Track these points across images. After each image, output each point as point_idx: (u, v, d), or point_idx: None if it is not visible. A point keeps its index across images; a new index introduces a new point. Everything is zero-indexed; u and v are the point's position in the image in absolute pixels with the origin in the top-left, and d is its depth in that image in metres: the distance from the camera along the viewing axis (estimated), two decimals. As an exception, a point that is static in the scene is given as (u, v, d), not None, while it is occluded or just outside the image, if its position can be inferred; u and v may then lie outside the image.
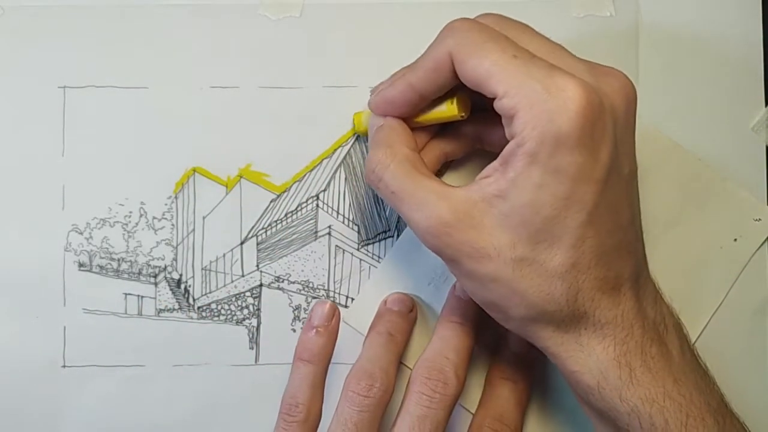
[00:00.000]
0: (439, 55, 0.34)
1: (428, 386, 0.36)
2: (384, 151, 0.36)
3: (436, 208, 0.33)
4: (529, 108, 0.31)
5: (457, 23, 0.34)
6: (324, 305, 0.39)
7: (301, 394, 0.37)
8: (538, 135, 0.31)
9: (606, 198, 0.32)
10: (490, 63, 0.32)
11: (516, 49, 0.33)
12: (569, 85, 0.31)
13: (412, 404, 0.36)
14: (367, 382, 0.36)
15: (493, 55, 0.32)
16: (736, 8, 0.42)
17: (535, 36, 0.35)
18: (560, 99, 0.31)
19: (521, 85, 0.32)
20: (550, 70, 0.32)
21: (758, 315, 0.42)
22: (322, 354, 0.38)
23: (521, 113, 0.32)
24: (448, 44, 0.34)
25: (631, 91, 0.34)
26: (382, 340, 0.39)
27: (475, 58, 0.33)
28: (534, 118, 0.31)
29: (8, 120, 0.41)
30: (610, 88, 0.33)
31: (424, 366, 0.37)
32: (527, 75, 0.32)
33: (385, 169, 0.35)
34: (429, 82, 0.35)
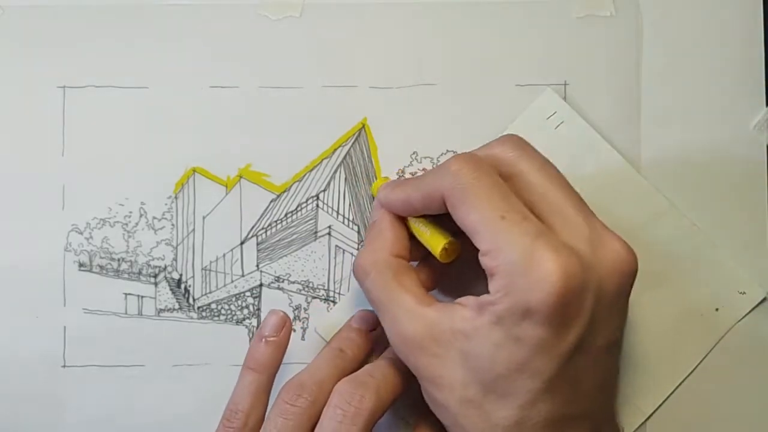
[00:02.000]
0: (434, 190, 0.34)
1: (344, 399, 0.35)
2: (366, 257, 0.36)
3: (405, 328, 0.34)
4: (505, 275, 0.31)
5: (454, 166, 0.34)
6: (275, 315, 0.38)
7: (242, 401, 0.37)
8: (507, 302, 0.31)
9: (566, 371, 0.32)
10: (476, 219, 0.32)
11: (508, 206, 0.32)
12: (549, 261, 0.31)
13: (326, 419, 0.35)
14: (296, 392, 0.36)
15: (481, 211, 0.32)
16: (736, 8, 0.42)
17: (547, 181, 0.34)
18: (536, 275, 0.31)
19: (501, 251, 0.31)
20: (534, 240, 0.31)
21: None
22: (268, 364, 0.38)
23: (498, 277, 0.32)
24: (442, 184, 0.34)
25: (628, 267, 0.33)
26: (329, 355, 0.38)
27: (464, 209, 0.33)
28: (507, 287, 0.31)
29: (8, 120, 0.41)
30: (604, 263, 0.32)
31: (346, 380, 0.36)
32: (510, 242, 0.31)
33: (366, 276, 0.36)
34: (423, 205, 0.35)
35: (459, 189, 0.33)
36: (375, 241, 0.37)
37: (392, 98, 0.42)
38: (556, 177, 0.34)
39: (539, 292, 0.31)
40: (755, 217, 0.42)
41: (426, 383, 0.34)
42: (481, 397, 0.33)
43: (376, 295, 0.36)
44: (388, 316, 0.35)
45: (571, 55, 0.42)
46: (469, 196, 0.33)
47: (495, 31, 0.42)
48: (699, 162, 0.42)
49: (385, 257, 0.36)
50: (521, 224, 0.32)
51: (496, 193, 0.33)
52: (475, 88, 0.42)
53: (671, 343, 0.41)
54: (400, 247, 0.37)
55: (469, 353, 0.33)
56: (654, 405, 0.41)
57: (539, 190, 0.34)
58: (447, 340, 0.33)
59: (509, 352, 0.32)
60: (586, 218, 0.33)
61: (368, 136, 0.42)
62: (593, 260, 0.32)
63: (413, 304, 0.34)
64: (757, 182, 0.42)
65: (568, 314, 0.31)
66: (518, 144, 0.35)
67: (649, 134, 0.42)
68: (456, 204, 0.33)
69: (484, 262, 0.32)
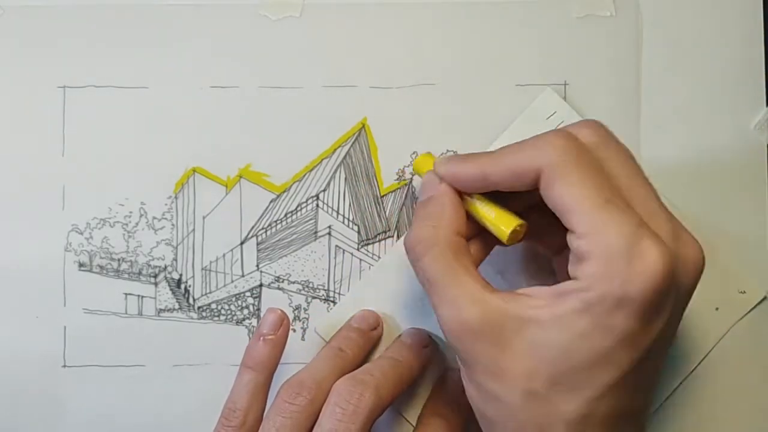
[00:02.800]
0: (528, 165, 0.32)
1: (343, 397, 0.35)
2: (427, 232, 0.34)
3: (466, 312, 0.32)
4: (604, 261, 0.30)
5: (557, 140, 0.32)
6: (273, 314, 0.38)
7: (240, 400, 0.37)
8: (603, 290, 0.30)
9: (642, 365, 0.31)
10: (579, 199, 0.31)
11: (611, 191, 0.31)
12: (653, 254, 0.30)
13: (325, 417, 0.35)
14: (295, 391, 0.36)
15: (586, 190, 0.31)
16: (736, 8, 0.42)
17: (633, 171, 0.33)
18: (640, 266, 0.30)
19: (605, 236, 0.30)
20: (638, 230, 0.30)
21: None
22: (266, 362, 0.38)
23: (594, 262, 0.30)
24: (539, 158, 0.32)
25: (701, 267, 0.32)
26: (329, 354, 0.38)
27: (565, 187, 0.31)
28: (606, 274, 0.30)
29: (8, 120, 0.41)
30: (685, 261, 0.32)
31: (344, 378, 0.36)
32: (614, 227, 0.30)
33: (426, 252, 0.34)
34: (504, 181, 0.33)
35: (563, 165, 0.31)
36: (435, 217, 0.34)
37: (392, 98, 0.42)
38: (638, 169, 0.33)
39: (642, 282, 0.30)
40: (755, 217, 0.42)
41: (482, 374, 0.32)
42: (547, 390, 0.31)
43: (434, 275, 0.33)
44: (446, 298, 0.33)
45: (571, 55, 0.42)
46: (574, 174, 0.31)
47: (495, 31, 0.42)
48: (699, 162, 0.42)
49: (447, 235, 0.34)
50: (626, 211, 0.30)
51: (600, 176, 0.31)
52: (475, 88, 0.42)
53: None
54: (462, 225, 0.35)
55: (541, 342, 0.31)
56: (654, 404, 0.41)
57: (625, 180, 0.32)
58: (513, 329, 0.31)
59: (593, 341, 0.30)
60: (667, 213, 0.32)
61: (368, 136, 0.42)
62: (678, 257, 0.31)
63: (477, 288, 0.32)
64: (757, 182, 0.42)
65: (659, 307, 0.30)
66: (603, 130, 0.33)
67: (649, 134, 0.42)
68: (556, 180, 0.31)
69: (576, 245, 0.31)
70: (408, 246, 0.35)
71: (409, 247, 0.35)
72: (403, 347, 0.39)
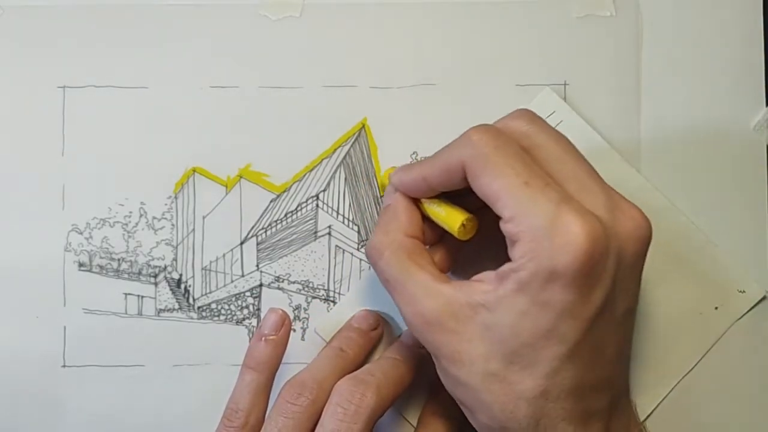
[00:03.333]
0: (453, 162, 0.34)
1: (345, 397, 0.35)
2: (380, 238, 0.36)
3: (421, 306, 0.34)
4: (530, 240, 0.31)
5: (475, 135, 0.34)
6: (275, 314, 0.38)
7: (242, 400, 0.37)
8: (533, 267, 0.31)
9: (591, 336, 0.32)
10: (499, 186, 0.32)
11: (530, 173, 0.32)
12: (574, 225, 0.31)
13: (327, 417, 0.35)
14: (296, 391, 0.36)
15: (504, 178, 0.32)
16: (736, 8, 0.42)
17: (564, 153, 0.34)
18: (562, 238, 0.31)
19: (526, 216, 0.31)
20: (558, 205, 0.31)
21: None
22: (268, 363, 0.38)
23: (522, 243, 0.32)
24: (462, 154, 0.34)
25: (645, 233, 0.33)
26: (330, 354, 0.39)
27: (486, 177, 0.33)
28: (532, 251, 0.31)
29: (8, 120, 0.41)
30: (622, 228, 0.33)
31: (346, 379, 0.36)
32: (535, 206, 0.31)
33: (380, 256, 0.36)
34: (440, 180, 0.35)
35: (481, 157, 0.33)
36: (389, 223, 0.37)
37: (392, 98, 0.42)
38: (571, 149, 0.34)
39: (565, 255, 0.31)
40: (755, 216, 0.42)
41: (445, 361, 0.34)
42: (504, 370, 0.32)
43: (391, 275, 0.35)
44: (404, 295, 0.35)
45: (571, 55, 0.42)
46: (491, 164, 0.33)
47: (495, 31, 0.42)
48: (699, 162, 0.42)
49: (399, 237, 0.36)
50: (544, 190, 0.32)
51: (518, 161, 0.32)
52: (475, 88, 0.42)
53: (670, 342, 0.41)
54: (415, 228, 0.37)
55: (491, 325, 0.32)
56: (653, 403, 0.41)
57: (556, 161, 0.34)
58: (466, 315, 0.33)
59: (534, 318, 0.32)
60: (603, 186, 0.34)
61: (368, 136, 0.42)
62: (612, 226, 0.32)
63: (430, 281, 0.34)
64: (757, 182, 0.42)
65: (593, 277, 0.31)
66: (532, 117, 0.35)
67: (649, 134, 0.42)
68: (478, 172, 0.33)
69: (506, 229, 0.32)
70: (366, 252, 0.37)
71: (367, 254, 0.37)
72: (404, 347, 0.39)
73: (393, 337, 0.41)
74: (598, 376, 0.33)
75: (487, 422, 0.34)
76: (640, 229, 0.33)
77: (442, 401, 0.40)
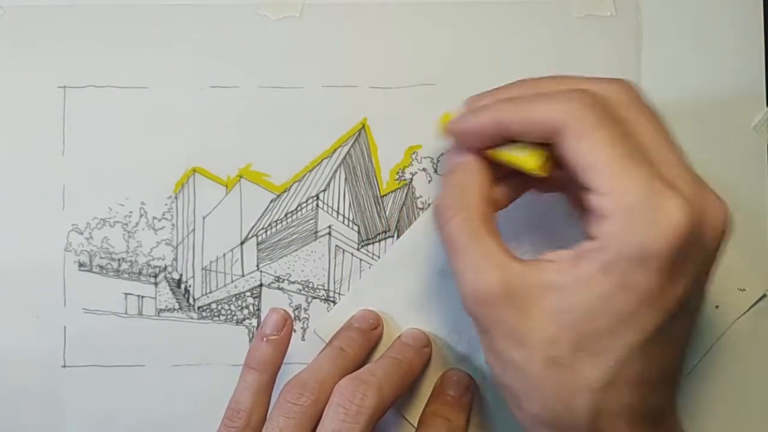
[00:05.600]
0: (549, 116, 0.31)
1: (346, 397, 0.35)
2: (454, 199, 0.34)
3: (488, 276, 0.31)
4: (625, 219, 0.29)
5: (578, 95, 0.31)
6: (276, 314, 0.38)
7: (243, 400, 0.37)
8: (624, 248, 0.29)
9: (666, 327, 0.30)
10: (600, 156, 0.30)
11: (631, 148, 0.30)
12: (674, 208, 0.29)
13: (328, 418, 0.35)
14: (298, 391, 0.36)
15: (606, 148, 0.30)
16: (736, 8, 0.42)
17: (658, 132, 0.32)
18: (660, 221, 0.29)
19: (625, 193, 0.29)
20: (659, 185, 0.29)
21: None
22: (269, 363, 0.38)
23: (614, 221, 0.29)
24: (561, 111, 0.31)
25: (728, 228, 0.31)
26: (331, 354, 0.38)
27: (585, 143, 0.30)
28: (625, 232, 0.29)
29: (8, 120, 0.41)
30: (710, 219, 0.31)
31: (347, 379, 0.36)
32: (635, 184, 0.29)
33: (451, 217, 0.33)
34: (522, 129, 0.32)
35: (583, 120, 0.30)
36: (462, 183, 0.34)
37: (392, 98, 0.42)
38: (665, 130, 0.32)
39: (661, 237, 0.29)
40: (755, 216, 0.42)
41: (501, 341, 0.31)
42: (570, 356, 0.30)
43: (459, 240, 0.33)
44: (469, 262, 0.32)
45: (571, 55, 0.42)
46: (593, 130, 0.30)
47: (495, 31, 0.42)
48: (699, 162, 0.42)
49: (475, 201, 0.34)
50: (645, 167, 0.30)
51: (620, 133, 0.30)
52: (475, 88, 0.41)
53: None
54: (488, 190, 0.34)
55: (563, 307, 0.30)
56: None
57: (650, 139, 0.31)
58: (535, 294, 0.31)
59: (615, 302, 0.29)
60: (693, 174, 0.32)
61: (368, 136, 0.42)
62: (703, 213, 0.30)
63: (500, 253, 0.32)
64: (757, 182, 0.42)
65: (682, 265, 0.30)
66: (631, 89, 0.33)
67: (649, 134, 0.42)
68: (577, 136, 0.30)
69: (596, 203, 0.30)
70: (437, 210, 0.34)
71: (438, 212, 0.34)
72: (404, 347, 0.39)
73: (393, 337, 0.41)
74: (664, 371, 0.31)
75: (539, 412, 0.31)
76: (726, 223, 0.31)
77: (444, 402, 0.40)
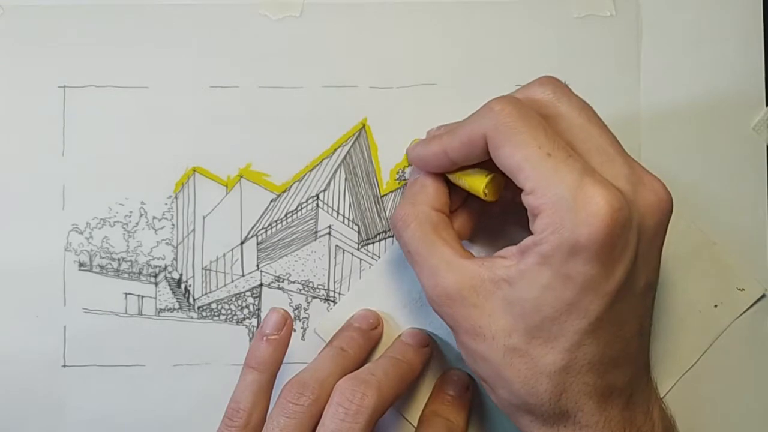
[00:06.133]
0: (475, 133, 0.34)
1: (346, 396, 0.35)
2: (406, 210, 0.36)
3: (443, 279, 0.34)
4: (552, 212, 0.31)
5: (497, 106, 0.33)
6: (276, 313, 0.38)
7: (243, 400, 0.37)
8: (555, 240, 0.31)
9: (612, 311, 0.32)
10: (521, 157, 0.32)
11: (553, 144, 0.32)
12: (598, 197, 0.30)
13: (328, 417, 0.35)
14: (298, 391, 0.36)
15: (527, 149, 0.32)
16: (736, 8, 0.42)
17: (587, 122, 0.34)
18: (585, 211, 0.30)
19: (549, 188, 0.31)
20: (582, 177, 0.31)
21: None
22: (269, 362, 0.38)
23: (544, 215, 0.31)
24: (484, 125, 0.33)
25: (667, 206, 0.33)
26: (331, 354, 0.38)
27: (508, 148, 0.32)
28: (555, 224, 0.31)
29: (8, 120, 0.41)
30: (644, 202, 0.32)
31: (347, 378, 0.36)
32: (557, 178, 0.31)
33: (405, 227, 0.36)
34: (462, 153, 0.35)
35: (503, 127, 0.32)
36: (416, 195, 0.37)
37: (392, 98, 0.42)
38: (595, 119, 0.34)
39: (589, 226, 0.30)
40: (755, 215, 0.42)
41: (465, 336, 0.34)
42: (525, 344, 0.32)
43: (415, 247, 0.35)
44: (426, 267, 0.35)
45: (571, 55, 0.42)
46: (513, 134, 0.32)
47: (495, 31, 0.42)
48: (698, 161, 0.42)
49: (426, 210, 0.36)
50: (567, 161, 0.31)
51: (540, 132, 0.32)
52: (475, 88, 0.42)
53: (670, 340, 0.41)
54: (442, 201, 0.37)
55: (513, 299, 0.32)
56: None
57: (579, 131, 0.33)
58: (488, 290, 0.33)
59: (557, 292, 0.31)
60: (625, 158, 0.33)
61: (368, 136, 0.42)
62: (635, 198, 0.32)
63: (453, 255, 0.34)
64: (757, 182, 0.42)
65: (616, 250, 0.31)
66: (556, 85, 0.35)
67: (649, 134, 0.42)
68: (500, 143, 0.32)
69: (528, 202, 0.32)
70: (391, 222, 0.37)
71: (392, 224, 0.37)
72: (404, 347, 0.40)
73: (393, 337, 0.41)
74: (619, 351, 0.33)
75: (508, 397, 0.34)
76: (662, 202, 0.33)
77: (443, 401, 0.40)
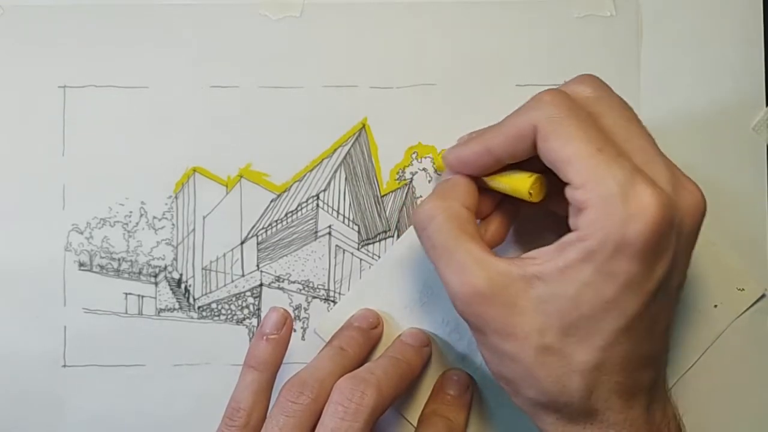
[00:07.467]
0: (523, 125, 0.33)
1: (345, 395, 0.35)
2: (434, 203, 0.35)
3: (473, 276, 0.33)
4: (601, 208, 0.31)
5: (547, 96, 0.33)
6: (276, 313, 0.38)
7: (243, 399, 0.37)
8: (602, 236, 0.31)
9: (649, 310, 0.32)
10: (572, 150, 0.31)
11: (603, 141, 0.32)
12: (647, 195, 0.30)
13: (327, 416, 0.35)
14: (297, 390, 0.36)
15: (577, 143, 0.31)
16: (736, 8, 0.42)
17: (629, 123, 0.33)
18: (635, 208, 0.30)
19: (599, 183, 0.31)
20: (632, 174, 0.31)
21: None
22: (269, 362, 0.38)
23: (591, 210, 0.31)
24: (533, 116, 0.33)
25: (703, 209, 0.33)
26: (330, 353, 0.38)
27: (559, 140, 0.32)
28: (603, 220, 0.31)
29: (8, 120, 0.41)
30: (684, 203, 0.32)
31: (346, 377, 0.36)
32: (608, 174, 0.31)
33: (431, 220, 0.34)
34: (507, 148, 0.34)
35: (555, 119, 0.32)
36: (446, 191, 0.36)
37: (392, 98, 0.42)
38: (635, 119, 0.34)
39: (637, 224, 0.30)
40: (755, 216, 0.42)
41: (494, 336, 0.33)
42: (559, 342, 0.32)
43: (441, 241, 0.34)
44: (453, 263, 0.33)
45: (571, 55, 0.42)
46: (564, 127, 0.32)
47: (495, 31, 0.42)
48: (699, 162, 0.42)
49: (455, 205, 0.35)
50: (617, 159, 0.31)
51: (591, 127, 0.32)
52: (475, 88, 0.42)
53: (670, 340, 0.41)
54: (472, 201, 0.36)
55: (548, 297, 0.32)
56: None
57: (621, 130, 0.33)
58: (520, 288, 0.32)
59: (598, 289, 0.31)
60: (665, 160, 0.33)
61: (368, 136, 0.42)
62: (676, 199, 0.32)
63: (482, 252, 0.33)
64: (757, 182, 0.42)
65: (660, 250, 0.31)
66: (598, 84, 0.34)
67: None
68: (549, 135, 0.32)
69: (575, 196, 0.31)
70: (415, 217, 0.35)
71: (416, 219, 0.35)
72: (404, 347, 0.40)
73: (393, 336, 0.41)
74: (648, 350, 0.33)
75: (536, 397, 0.33)
76: (699, 204, 0.33)
77: (443, 401, 0.40)
